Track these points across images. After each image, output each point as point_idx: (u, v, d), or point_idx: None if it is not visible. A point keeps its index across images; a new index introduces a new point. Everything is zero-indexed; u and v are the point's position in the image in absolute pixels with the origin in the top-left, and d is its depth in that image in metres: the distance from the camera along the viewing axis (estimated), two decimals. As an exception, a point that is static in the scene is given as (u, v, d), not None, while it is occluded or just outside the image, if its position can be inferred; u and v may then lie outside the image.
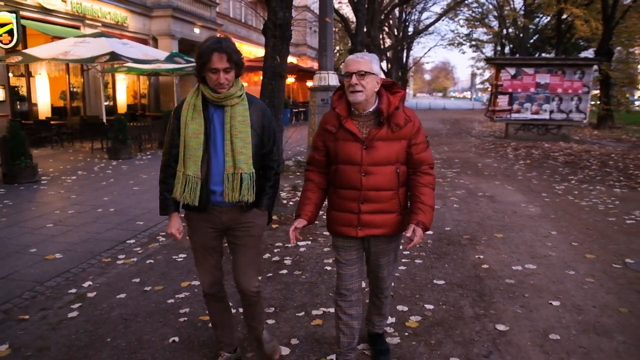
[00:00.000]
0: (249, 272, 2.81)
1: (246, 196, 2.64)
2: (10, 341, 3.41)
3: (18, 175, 8.94)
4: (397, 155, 2.65)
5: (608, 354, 3.18)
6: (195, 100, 2.65)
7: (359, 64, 2.57)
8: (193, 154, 2.62)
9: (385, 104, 2.63)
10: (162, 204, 2.80)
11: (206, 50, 2.49)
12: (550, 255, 5.14)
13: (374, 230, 2.71)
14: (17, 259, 5.07)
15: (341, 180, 2.71)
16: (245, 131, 2.62)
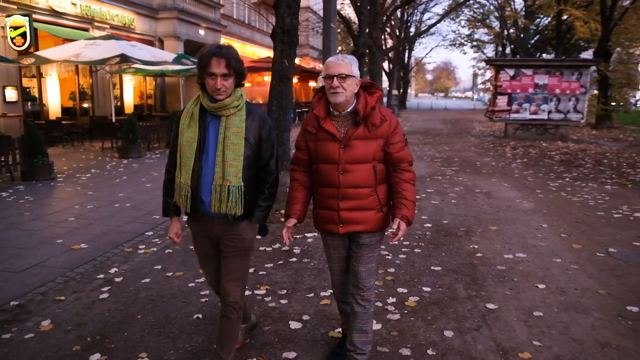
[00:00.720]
0: (235, 282, 2.82)
1: (233, 209, 2.64)
2: (52, 318, 3.82)
3: (36, 172, 9.35)
4: (374, 153, 2.72)
5: (584, 328, 3.58)
6: (194, 108, 2.67)
7: (340, 66, 2.64)
8: (186, 162, 2.64)
9: (362, 104, 2.71)
10: (163, 207, 2.89)
11: (206, 55, 2.53)
12: (540, 245, 5.54)
13: (355, 227, 2.78)
14: (46, 249, 5.48)
15: (321, 179, 2.80)
16: (238, 143, 2.61)
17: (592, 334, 3.51)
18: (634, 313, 3.83)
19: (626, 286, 4.37)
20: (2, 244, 5.62)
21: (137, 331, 3.60)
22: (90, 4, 17.14)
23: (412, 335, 3.49)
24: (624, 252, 5.29)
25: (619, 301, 4.05)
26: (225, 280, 2.81)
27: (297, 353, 3.25)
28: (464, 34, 41.66)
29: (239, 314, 2.87)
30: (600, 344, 3.37)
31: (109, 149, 14.10)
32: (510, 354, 3.24)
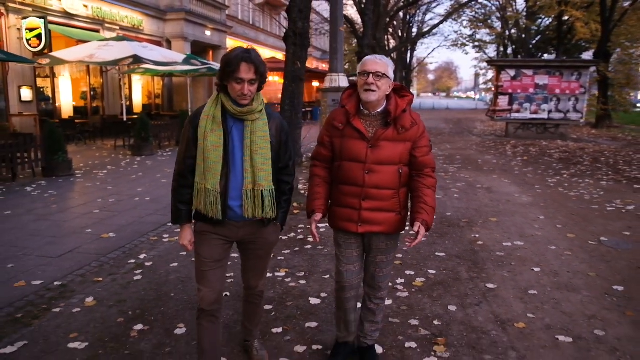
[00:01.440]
0: (257, 276, 2.96)
1: (269, 213, 2.65)
2: (94, 296, 4.24)
3: (56, 169, 9.78)
4: (401, 156, 2.73)
5: (573, 303, 4.00)
6: (215, 111, 2.60)
7: (377, 65, 2.65)
8: (212, 167, 2.57)
9: (393, 105, 2.72)
10: (175, 215, 2.76)
11: (235, 59, 2.47)
12: (537, 234, 5.95)
13: (374, 227, 2.78)
14: (77, 238, 5.90)
15: (344, 177, 2.79)
16: (265, 147, 2.60)
17: (581, 308, 3.92)
18: (619, 291, 4.24)
19: (614, 269, 4.79)
20: (36, 233, 6.05)
21: (172, 307, 4.01)
22: (101, 6, 17.59)
23: (419, 310, 3.91)
24: (615, 240, 5.70)
25: (606, 282, 4.47)
26: (251, 276, 2.94)
27: (318, 323, 3.67)
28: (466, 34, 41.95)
29: (262, 298, 3.09)
30: (587, 316, 3.78)
31: (121, 147, 14.53)
32: (507, 324, 3.66)
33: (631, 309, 3.92)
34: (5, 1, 13.70)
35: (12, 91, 14.22)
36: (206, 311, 2.74)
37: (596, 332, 3.53)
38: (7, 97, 14.15)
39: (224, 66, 2.51)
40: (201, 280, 2.76)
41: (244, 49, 2.53)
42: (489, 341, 3.41)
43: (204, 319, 2.75)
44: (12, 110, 14.16)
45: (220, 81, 2.57)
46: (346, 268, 2.94)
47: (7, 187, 8.68)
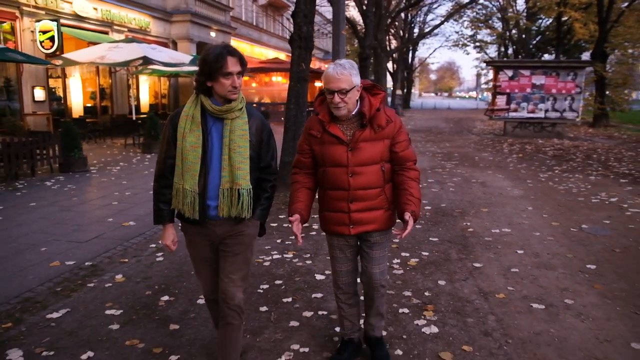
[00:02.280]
0: (234, 282, 2.73)
1: (244, 212, 2.62)
2: (122, 273, 4.75)
3: (72, 165, 10.31)
4: (381, 154, 2.76)
5: (550, 279, 4.50)
6: (194, 111, 2.59)
7: (340, 81, 2.62)
8: (190, 167, 2.56)
9: (367, 106, 2.72)
10: (156, 215, 2.76)
11: (220, 55, 2.46)
12: (524, 223, 6.45)
13: (366, 227, 2.83)
14: (101, 226, 6.42)
15: (329, 182, 2.82)
16: (244, 145, 2.58)
17: (555, 282, 4.43)
18: (592, 269, 4.75)
19: (590, 252, 5.29)
20: (62, 222, 6.56)
21: (193, 282, 4.52)
22: (110, 8, 18.12)
23: (412, 284, 4.42)
24: (594, 227, 6.20)
25: (582, 262, 4.97)
26: (227, 282, 2.72)
27: (323, 294, 4.18)
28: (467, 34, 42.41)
29: (242, 319, 2.80)
30: (560, 289, 4.28)
31: (130, 145, 15.06)
32: (489, 295, 4.16)
33: (600, 283, 4.42)
34: (20, 4, 14.24)
35: (26, 91, 14.77)
36: (209, 299, 2.97)
37: (566, 301, 4.03)
38: (22, 97, 14.70)
39: (211, 63, 2.46)
40: (197, 274, 2.94)
41: (220, 46, 2.52)
42: (472, 308, 3.91)
43: (210, 302, 3.00)
44: (26, 109, 14.70)
45: (205, 81, 2.52)
46: (341, 267, 3.00)
47: (28, 182, 9.20)
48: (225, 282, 2.72)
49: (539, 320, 3.70)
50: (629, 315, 3.78)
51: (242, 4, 31.35)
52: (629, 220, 6.58)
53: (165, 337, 3.53)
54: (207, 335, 3.53)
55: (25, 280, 4.57)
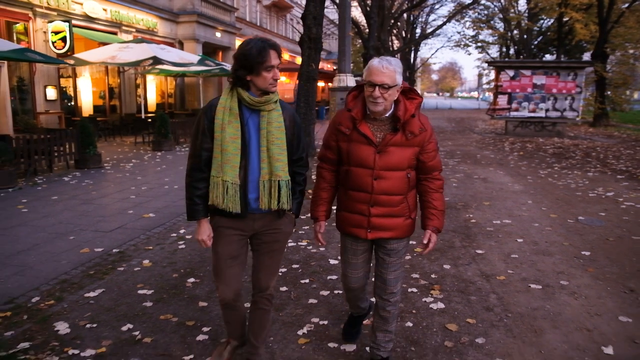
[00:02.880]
0: (270, 274, 2.84)
1: (285, 204, 2.62)
2: (149, 259, 5.10)
3: (88, 161, 10.67)
4: (409, 161, 2.68)
5: (547, 264, 4.85)
6: (231, 103, 2.57)
7: (384, 76, 2.53)
8: (231, 159, 2.54)
9: (402, 110, 2.64)
10: (191, 209, 2.68)
11: (263, 49, 2.46)
12: (523, 215, 6.80)
13: (384, 233, 2.76)
14: (122, 217, 6.77)
15: (352, 182, 2.74)
16: (281, 137, 2.59)
17: (552, 267, 4.78)
18: (586, 255, 5.10)
19: (585, 241, 5.63)
20: (85, 214, 6.92)
21: (215, 266, 4.87)
22: (119, 9, 18.49)
23: (420, 268, 4.77)
24: (590, 219, 6.55)
25: (577, 249, 5.32)
26: (263, 275, 2.82)
27: (337, 277, 4.53)
28: (469, 35, 42.72)
29: (272, 303, 2.95)
30: (556, 272, 4.64)
31: (140, 143, 15.42)
32: (490, 277, 4.51)
33: (593, 267, 4.77)
34: (33, 6, 14.61)
35: (38, 90, 15.13)
36: (229, 305, 2.85)
37: (561, 282, 4.38)
38: (34, 96, 15.06)
39: (254, 57, 2.46)
40: (218, 276, 2.78)
41: (259, 39, 2.53)
42: (474, 288, 4.26)
43: (226, 308, 2.89)
44: (39, 108, 15.07)
45: (246, 75, 2.52)
46: (352, 273, 2.94)
47: (47, 177, 9.57)
48: (262, 274, 2.81)
49: (536, 298, 4.05)
50: (618, 294, 4.13)
51: (247, 5, 31.72)
52: (623, 212, 6.93)
53: (196, 312, 3.88)
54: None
55: (60, 265, 4.93)
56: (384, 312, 2.95)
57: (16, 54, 9.53)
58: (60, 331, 3.55)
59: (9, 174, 8.53)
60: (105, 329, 3.60)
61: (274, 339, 3.42)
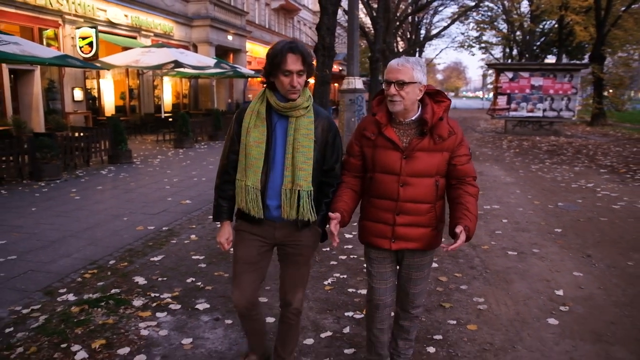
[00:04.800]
0: (296, 289, 2.76)
1: (305, 215, 2.53)
2: (195, 234, 6.16)
3: (120, 157, 11.76)
4: (438, 167, 2.57)
5: (524, 237, 5.90)
6: (260, 107, 2.54)
7: (399, 72, 2.47)
8: (253, 163, 2.51)
9: (429, 113, 2.54)
10: (216, 211, 2.71)
11: (281, 51, 2.39)
12: (511, 201, 7.84)
13: (408, 244, 2.64)
14: (164, 203, 7.84)
15: (377, 190, 2.63)
16: (308, 145, 2.50)
17: (528, 240, 5.82)
18: (558, 232, 6.14)
19: (560, 221, 6.67)
20: (130, 200, 7.99)
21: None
22: (138, 15, 19.60)
23: (419, 240, 5.82)
24: (568, 204, 7.58)
25: (551, 227, 6.35)
26: (288, 287, 2.76)
27: (353, 246, 5.57)
28: (473, 36, 43.59)
29: (299, 318, 2.88)
30: (531, 244, 5.68)
31: (161, 141, 16.52)
32: (476, 247, 5.55)
33: (561, 240, 5.81)
34: (63, 13, 15.72)
35: (67, 92, 16.25)
36: (242, 314, 2.78)
37: (533, 250, 5.42)
38: (63, 97, 16.18)
39: (270, 59, 2.43)
40: (234, 280, 2.73)
41: (289, 41, 2.47)
42: (463, 254, 5.30)
43: (242, 315, 2.80)
44: (67, 108, 16.18)
45: (267, 76, 2.50)
46: (379, 285, 2.78)
47: (86, 171, 10.66)
48: (288, 288, 2.76)
49: (511, 261, 5.10)
50: (577, 258, 5.17)
51: (256, 8, 32.80)
52: (598, 200, 7.96)
53: (242, 270, 4.93)
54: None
55: (123, 238, 6.00)
56: (406, 322, 2.91)
57: (59, 60, 10.60)
58: (139, 282, 4.61)
59: (56, 167, 9.63)
60: (174, 281, 4.65)
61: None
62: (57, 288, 4.47)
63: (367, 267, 2.85)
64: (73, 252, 5.46)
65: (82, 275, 4.79)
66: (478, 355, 3.30)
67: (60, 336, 3.54)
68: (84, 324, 3.73)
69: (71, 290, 4.40)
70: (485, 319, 3.83)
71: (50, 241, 5.82)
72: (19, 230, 6.25)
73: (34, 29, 15.11)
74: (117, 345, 3.44)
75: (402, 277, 2.81)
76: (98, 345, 3.41)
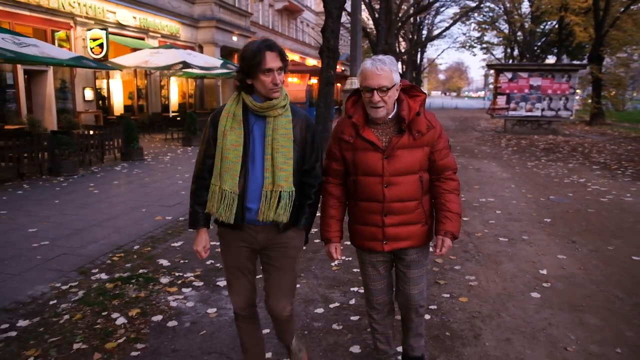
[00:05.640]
0: (282, 296, 2.67)
1: (281, 216, 2.47)
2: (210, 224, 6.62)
3: (132, 154, 12.25)
4: (420, 163, 2.54)
5: (515, 226, 6.37)
6: (235, 109, 2.49)
7: (380, 77, 2.40)
8: (230, 167, 2.44)
9: (406, 110, 2.51)
10: (192, 218, 2.65)
11: (258, 50, 2.33)
12: (505, 195, 8.31)
13: (401, 244, 2.61)
14: (178, 196, 8.32)
15: (362, 193, 2.59)
16: (287, 145, 2.46)
17: (519, 228, 6.29)
18: (547, 222, 6.61)
19: (550, 212, 7.13)
20: (146, 194, 8.48)
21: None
22: (146, 17, 20.09)
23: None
24: (559, 197, 8.05)
25: (541, 217, 6.82)
26: (275, 298, 2.67)
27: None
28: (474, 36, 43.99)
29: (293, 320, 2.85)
30: (521, 232, 6.15)
31: (169, 139, 17.01)
32: (471, 234, 6.02)
33: (550, 228, 6.29)
34: (74, 15, 16.23)
35: (78, 91, 16.75)
36: (239, 315, 2.73)
37: (523, 237, 5.90)
38: (74, 96, 16.68)
39: (249, 60, 2.36)
40: (228, 287, 2.72)
41: (262, 40, 2.41)
42: (457, 241, 5.71)
43: (241, 320, 2.75)
44: (78, 107, 16.68)
45: (245, 78, 2.43)
46: (374, 285, 2.77)
47: (100, 167, 11.16)
48: (274, 298, 2.67)
49: (502, 245, 5.58)
50: (563, 244, 5.65)
51: (260, 9, 33.31)
52: (587, 193, 8.43)
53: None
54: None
55: (143, 227, 6.48)
56: (411, 323, 2.88)
57: (75, 61, 11.09)
58: (163, 264, 5.10)
59: (73, 163, 10.13)
60: (194, 263, 5.13)
61: (315, 267, 4.95)
62: (90, 269, 4.96)
63: (361, 269, 2.84)
64: (99, 238, 5.95)
65: (110, 258, 5.28)
66: (467, 321, 3.77)
67: (100, 306, 4.03)
68: (119, 297, 4.22)
69: (102, 271, 4.89)
70: (475, 293, 4.31)
71: (76, 229, 6.31)
72: (47, 220, 6.74)
73: (47, 31, 15.61)
74: (150, 314, 3.93)
75: (399, 278, 2.77)
76: (134, 314, 3.90)
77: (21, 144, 9.43)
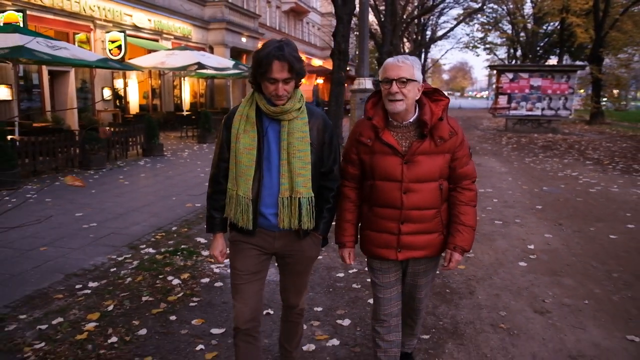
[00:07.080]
0: (298, 293, 2.74)
1: (306, 223, 2.42)
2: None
3: (153, 150, 13.04)
4: (441, 170, 2.45)
5: (510, 212, 7.12)
6: (249, 111, 2.42)
7: (400, 69, 2.35)
8: (244, 171, 2.38)
9: (428, 114, 2.42)
10: (208, 223, 2.62)
11: (266, 58, 2.25)
12: (502, 186, 9.06)
13: (416, 253, 2.53)
14: (203, 187, 9.06)
15: (378, 198, 2.50)
16: (304, 149, 2.38)
17: (513, 213, 7.04)
18: (539, 208, 7.36)
19: (541, 200, 7.88)
20: (173, 185, 9.25)
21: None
22: (160, 19, 20.91)
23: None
24: (551, 188, 8.80)
25: (534, 205, 7.57)
26: (291, 294, 2.73)
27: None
28: (478, 37, 44.67)
29: (303, 315, 2.87)
30: (514, 216, 6.91)
31: (184, 137, 17.81)
32: (469, 218, 6.77)
33: (541, 214, 7.04)
34: (94, 18, 17.04)
35: (97, 91, 17.58)
36: (242, 330, 2.54)
37: (516, 220, 6.65)
38: (94, 96, 17.50)
39: (256, 65, 2.31)
40: (235, 294, 2.56)
41: (277, 44, 2.29)
42: (458, 223, 6.53)
43: (240, 338, 2.56)
44: (97, 106, 17.49)
45: (254, 80, 2.38)
46: (384, 294, 2.65)
47: (125, 162, 11.95)
48: (290, 293, 2.74)
49: (496, 227, 6.33)
50: (551, 226, 6.40)
51: (267, 11, 34.12)
52: (578, 185, 9.18)
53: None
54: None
55: (177, 213, 7.25)
56: (410, 320, 2.89)
57: (102, 63, 11.89)
58: (201, 241, 5.86)
59: (102, 158, 10.93)
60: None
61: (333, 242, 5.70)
62: (138, 245, 5.73)
63: (371, 278, 2.73)
64: (140, 221, 6.73)
65: (154, 236, 6.06)
66: (464, 282, 4.53)
67: (156, 271, 4.81)
68: (169, 265, 5.00)
69: (149, 246, 5.66)
70: (471, 262, 5.07)
71: (118, 214, 7.09)
72: (89, 206, 7.52)
73: (68, 34, 16.42)
74: (199, 277, 4.70)
75: (407, 284, 2.73)
76: (186, 276, 4.68)
77: (57, 140, 10.22)
